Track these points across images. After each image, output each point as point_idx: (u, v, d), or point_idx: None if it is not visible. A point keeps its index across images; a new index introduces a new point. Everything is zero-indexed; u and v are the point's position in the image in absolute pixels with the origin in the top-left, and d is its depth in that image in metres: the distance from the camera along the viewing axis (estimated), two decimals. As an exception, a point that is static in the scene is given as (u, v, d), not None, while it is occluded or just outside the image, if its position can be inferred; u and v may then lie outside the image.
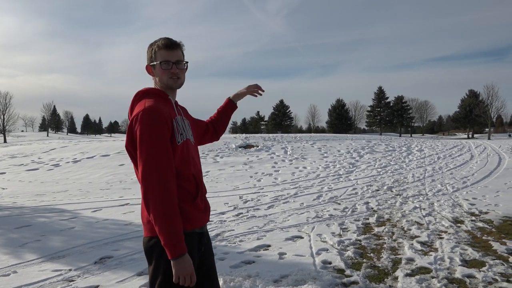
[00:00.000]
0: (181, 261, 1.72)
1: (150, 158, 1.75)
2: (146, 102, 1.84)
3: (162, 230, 1.71)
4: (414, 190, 9.23)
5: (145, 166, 1.75)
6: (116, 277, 3.95)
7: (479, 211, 6.89)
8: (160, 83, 1.96)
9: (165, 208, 1.72)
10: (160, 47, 1.91)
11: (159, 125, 1.78)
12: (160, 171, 1.75)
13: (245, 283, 3.69)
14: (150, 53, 1.95)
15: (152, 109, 1.80)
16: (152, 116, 1.78)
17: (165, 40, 1.93)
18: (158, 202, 1.72)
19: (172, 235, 1.71)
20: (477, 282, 3.72)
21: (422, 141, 26.16)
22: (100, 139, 34.98)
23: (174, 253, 1.71)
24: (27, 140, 54.01)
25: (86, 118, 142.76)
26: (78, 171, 14.04)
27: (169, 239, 1.71)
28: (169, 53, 1.91)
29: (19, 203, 8.44)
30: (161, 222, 1.71)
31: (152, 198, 1.73)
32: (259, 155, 16.99)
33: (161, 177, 1.74)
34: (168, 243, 1.71)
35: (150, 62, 1.96)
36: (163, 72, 1.92)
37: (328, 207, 7.44)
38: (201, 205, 1.97)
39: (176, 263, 1.72)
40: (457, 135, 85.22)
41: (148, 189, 1.74)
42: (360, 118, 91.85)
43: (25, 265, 4.37)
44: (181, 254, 1.72)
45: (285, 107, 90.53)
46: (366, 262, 4.34)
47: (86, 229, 6.06)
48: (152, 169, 1.75)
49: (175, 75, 1.93)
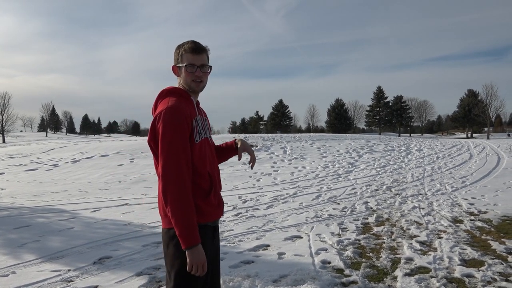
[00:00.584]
0: (195, 251, 1.85)
1: (169, 155, 1.87)
2: (169, 101, 1.97)
3: (177, 222, 1.85)
4: (413, 190, 9.24)
5: (165, 162, 1.88)
6: (115, 278, 3.95)
7: (478, 210, 6.89)
8: (183, 84, 2.08)
9: (181, 202, 1.85)
10: (187, 50, 2.03)
11: (179, 124, 1.90)
12: (178, 168, 1.87)
13: (244, 283, 3.69)
14: (177, 55, 2.07)
15: (174, 108, 1.92)
16: (174, 115, 1.90)
17: (191, 44, 2.04)
18: (175, 196, 1.85)
19: (186, 227, 1.84)
20: (476, 282, 3.72)
21: (421, 141, 26.18)
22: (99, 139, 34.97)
23: (188, 243, 1.84)
24: (26, 140, 53.96)
25: (85, 118, 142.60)
26: (77, 171, 14.03)
27: (183, 230, 1.84)
28: (195, 57, 2.03)
29: (18, 204, 8.43)
30: (177, 214, 1.84)
31: (169, 192, 1.86)
32: (258, 155, 16.99)
33: (179, 173, 1.86)
34: (182, 234, 1.84)
35: (176, 63, 2.08)
36: (188, 74, 2.04)
37: (327, 207, 7.44)
38: (214, 201, 2.08)
39: (190, 253, 1.85)
40: (456, 134, 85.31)
41: (166, 184, 1.87)
42: (359, 118, 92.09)
43: (24, 266, 4.37)
44: (194, 245, 1.85)
45: (284, 107, 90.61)
46: (365, 261, 4.34)
47: (85, 229, 6.05)
48: (171, 165, 1.87)
49: (199, 78, 2.06)
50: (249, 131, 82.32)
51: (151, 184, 11.21)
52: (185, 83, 2.07)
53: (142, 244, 5.12)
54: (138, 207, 7.78)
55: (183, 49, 2.04)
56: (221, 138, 23.25)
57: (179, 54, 2.05)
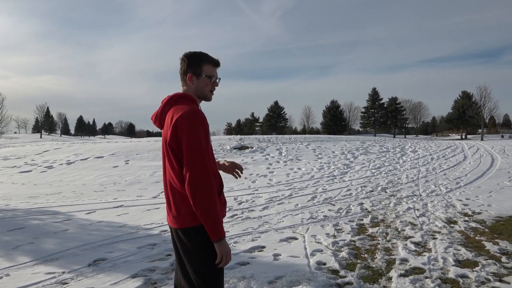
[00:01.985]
0: (224, 242, 1.99)
1: (198, 156, 1.95)
2: (188, 106, 2.05)
3: (210, 220, 1.94)
4: (408, 191, 9.28)
5: (194, 162, 1.94)
6: (110, 280, 3.94)
7: (472, 211, 6.94)
8: (196, 92, 2.17)
9: (212, 198, 1.95)
10: (210, 62, 2.16)
11: (204, 128, 2.00)
12: (206, 167, 1.96)
13: (240, 284, 3.69)
14: (194, 64, 2.15)
15: (198, 112, 2.01)
16: (200, 118, 2.00)
17: (213, 58, 2.18)
18: (206, 193, 1.94)
19: (217, 221, 1.96)
20: (470, 282, 3.75)
21: (416, 142, 26.30)
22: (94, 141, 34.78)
23: (219, 236, 1.96)
24: (20, 142, 53.56)
25: (80, 120, 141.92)
26: (71, 173, 13.96)
27: (216, 226, 1.95)
28: (215, 70, 2.19)
29: (12, 206, 8.37)
30: (209, 211, 1.94)
31: (200, 193, 1.93)
32: (254, 156, 16.99)
33: (209, 173, 1.96)
34: (215, 229, 1.95)
35: (194, 72, 2.15)
36: (207, 84, 2.16)
37: (322, 208, 7.45)
38: (223, 199, 2.21)
39: (220, 245, 1.97)
40: (450, 136, 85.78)
41: (196, 183, 1.93)
42: (355, 119, 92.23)
43: (18, 268, 4.34)
44: (223, 237, 1.99)
45: (279, 109, 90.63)
46: (360, 262, 4.36)
47: (80, 231, 6.02)
48: (202, 165, 1.95)
49: (214, 89, 2.22)
50: (245, 133, 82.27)
51: (146, 185, 11.18)
52: (200, 92, 2.17)
53: (137, 246, 5.10)
54: (133, 208, 7.76)
55: (206, 60, 2.15)
56: (216, 140, 23.22)
57: (197, 63, 2.14)
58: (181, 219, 2.05)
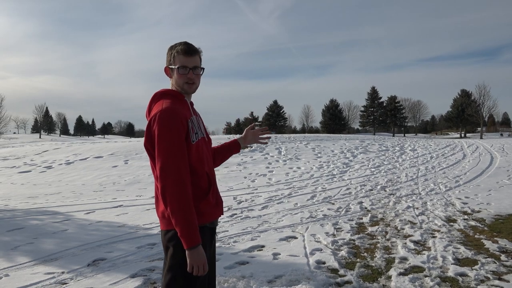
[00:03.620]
0: (195, 251, 1.85)
1: (168, 156, 1.87)
2: (164, 103, 1.97)
3: (178, 223, 1.84)
4: (408, 190, 9.29)
5: (163, 163, 1.87)
6: (110, 279, 3.93)
7: (472, 210, 6.94)
8: (176, 86, 2.08)
9: (181, 202, 1.85)
10: (179, 52, 2.02)
11: (175, 125, 1.90)
12: (177, 168, 1.87)
13: (239, 284, 3.69)
14: (169, 56, 2.06)
15: (169, 110, 1.92)
16: (170, 117, 1.90)
17: (184, 46, 2.03)
18: (175, 196, 1.85)
19: (189, 227, 1.84)
20: (469, 281, 3.75)
21: (415, 141, 26.33)
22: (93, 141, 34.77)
23: (190, 244, 1.84)
24: (19, 142, 53.55)
25: (79, 120, 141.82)
26: (71, 173, 13.95)
27: (186, 230, 1.84)
28: (187, 59, 2.02)
29: (11, 206, 8.36)
30: (178, 215, 1.84)
31: (169, 193, 1.85)
32: (253, 155, 16.99)
33: (178, 174, 1.86)
34: (184, 234, 1.84)
35: (169, 65, 2.07)
36: (180, 76, 2.04)
37: (322, 207, 7.45)
38: (213, 200, 2.09)
39: (191, 253, 1.85)
40: (449, 134, 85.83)
41: (166, 185, 1.86)
42: (354, 118, 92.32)
43: (17, 268, 4.33)
44: (196, 245, 1.85)
45: (279, 108, 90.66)
46: (360, 261, 4.36)
47: (79, 231, 6.02)
48: (170, 166, 1.86)
49: (191, 80, 2.05)
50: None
51: (145, 185, 11.18)
52: (177, 85, 2.06)
53: (136, 246, 5.10)
54: (133, 208, 7.75)
55: (176, 50, 2.03)
56: (216, 139, 23.21)
57: (172, 55, 2.04)
58: (164, 221, 1.98)
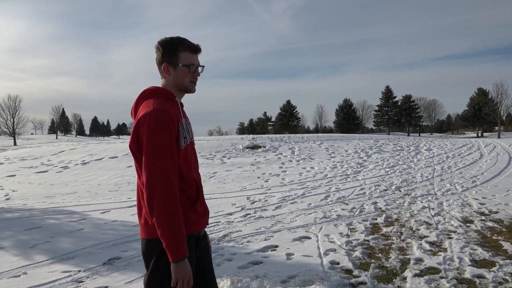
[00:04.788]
0: (182, 264, 1.71)
1: (156, 160, 1.72)
2: (154, 103, 1.80)
3: (165, 232, 1.69)
4: (423, 190, 9.17)
5: (151, 168, 1.72)
6: (125, 278, 3.98)
7: (489, 210, 6.82)
8: (175, 84, 1.91)
9: (169, 210, 1.70)
10: (187, 49, 1.88)
11: (166, 128, 1.74)
12: (165, 174, 1.72)
13: (253, 283, 3.69)
14: (169, 52, 1.89)
15: (160, 111, 1.76)
16: (160, 119, 1.74)
17: (191, 43, 1.91)
18: (162, 204, 1.69)
19: (176, 238, 1.70)
20: (487, 283, 3.68)
21: (431, 140, 25.97)
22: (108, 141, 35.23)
23: (176, 256, 1.69)
24: (36, 142, 54.57)
25: (94, 120, 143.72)
26: (86, 173, 14.15)
27: (173, 242, 1.69)
28: (194, 57, 1.91)
29: (29, 205, 8.53)
30: (165, 224, 1.69)
31: (156, 200, 1.70)
32: (266, 155, 16.98)
33: (167, 180, 1.71)
34: (171, 246, 1.69)
35: (169, 61, 1.89)
36: (186, 74, 1.90)
37: (335, 207, 7.41)
38: (200, 209, 1.95)
39: (177, 266, 1.70)
40: (466, 134, 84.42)
41: (153, 191, 1.70)
42: (368, 118, 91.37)
43: (35, 267, 4.42)
44: (183, 257, 1.71)
45: (292, 108, 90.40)
46: (374, 262, 4.32)
47: (95, 230, 6.10)
48: (158, 171, 1.71)
49: (195, 79, 1.94)
50: (257, 132, 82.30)
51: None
52: (179, 83, 1.91)
53: (151, 245, 5.14)
54: (147, 208, 7.81)
55: (183, 46, 1.88)
56: (229, 139, 23.28)
57: (173, 51, 1.88)
58: (147, 229, 1.82)
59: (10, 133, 63.75)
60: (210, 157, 16.53)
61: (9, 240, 5.63)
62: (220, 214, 6.89)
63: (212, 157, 16.64)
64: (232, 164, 15.04)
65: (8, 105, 64.93)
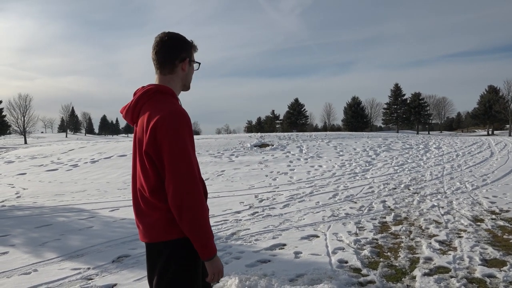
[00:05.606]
0: (216, 259, 1.76)
1: (184, 162, 1.68)
2: (168, 104, 1.74)
3: (199, 233, 1.69)
4: (432, 188, 9.09)
5: (180, 169, 1.67)
6: (134, 276, 4.00)
7: (500, 209, 6.74)
8: (183, 81, 1.90)
9: (201, 211, 1.70)
10: (195, 47, 1.91)
11: (187, 130, 1.72)
12: (193, 177, 1.70)
13: (261, 282, 3.69)
14: (189, 49, 1.88)
15: (182, 112, 1.72)
16: (185, 120, 1.71)
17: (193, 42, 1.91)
18: (195, 205, 1.68)
19: (210, 237, 1.73)
20: (497, 282, 3.64)
21: (440, 139, 25.72)
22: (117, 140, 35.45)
23: (211, 253, 1.73)
24: (46, 141, 55.13)
25: (103, 119, 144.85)
26: (96, 171, 14.26)
27: (206, 241, 1.71)
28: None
29: (39, 203, 8.62)
30: (198, 225, 1.69)
31: (187, 202, 1.67)
32: (274, 154, 16.97)
33: (195, 182, 1.70)
34: (206, 245, 1.71)
35: (190, 56, 1.88)
36: (192, 73, 1.94)
37: (344, 205, 7.38)
38: (208, 209, 1.97)
39: (213, 262, 1.74)
40: (476, 132, 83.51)
41: (183, 193, 1.67)
42: (377, 116, 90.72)
43: (45, 264, 4.47)
44: (216, 254, 1.76)
45: (300, 106, 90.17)
46: (383, 261, 4.30)
47: (104, 228, 6.15)
48: (186, 174, 1.68)
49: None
50: (265, 130, 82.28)
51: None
52: (186, 81, 1.91)
53: (159, 243, 5.16)
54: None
55: (192, 44, 1.89)
56: (237, 138, 23.29)
57: (189, 47, 1.88)
58: (154, 233, 1.77)
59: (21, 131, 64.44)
60: (218, 156, 16.56)
61: (20, 237, 5.70)
62: (228, 212, 6.90)
63: (220, 155, 16.66)
64: (240, 162, 15.05)
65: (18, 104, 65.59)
